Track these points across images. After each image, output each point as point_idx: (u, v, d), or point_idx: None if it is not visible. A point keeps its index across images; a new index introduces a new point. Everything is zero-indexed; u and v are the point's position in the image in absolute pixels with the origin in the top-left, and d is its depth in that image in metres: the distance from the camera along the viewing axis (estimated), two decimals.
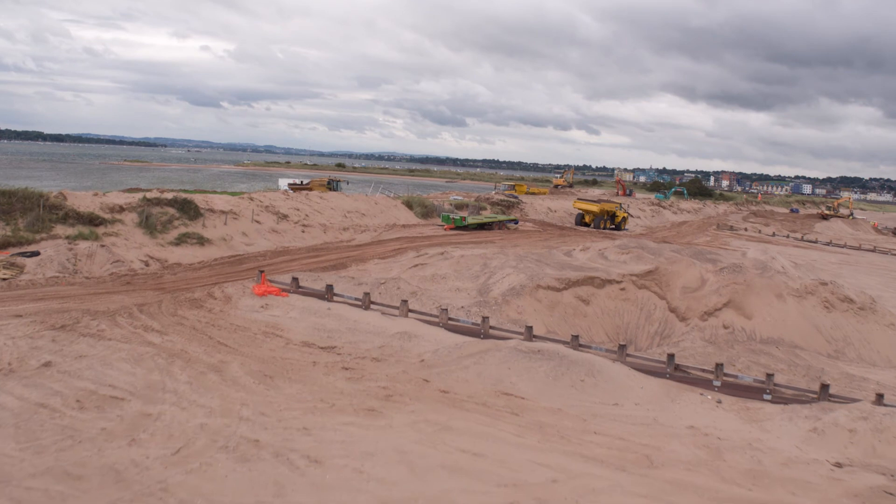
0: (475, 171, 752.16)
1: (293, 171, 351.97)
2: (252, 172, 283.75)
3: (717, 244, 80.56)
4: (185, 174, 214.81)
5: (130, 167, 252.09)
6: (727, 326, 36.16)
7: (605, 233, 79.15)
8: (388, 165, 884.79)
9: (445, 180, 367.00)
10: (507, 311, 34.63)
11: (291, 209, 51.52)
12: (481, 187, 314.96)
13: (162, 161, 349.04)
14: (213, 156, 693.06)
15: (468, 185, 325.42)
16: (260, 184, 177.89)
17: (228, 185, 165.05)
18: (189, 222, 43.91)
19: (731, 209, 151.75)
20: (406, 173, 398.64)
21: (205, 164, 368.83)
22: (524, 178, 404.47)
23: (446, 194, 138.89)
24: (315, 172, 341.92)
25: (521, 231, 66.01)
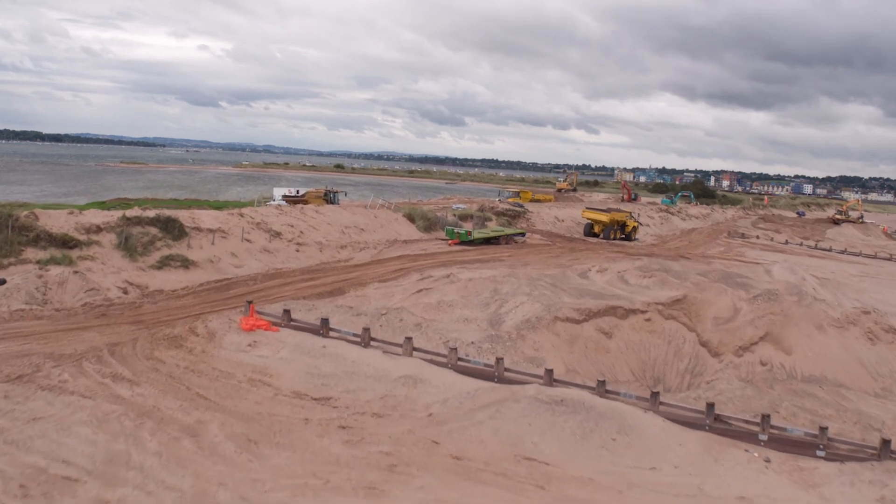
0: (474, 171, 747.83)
1: (291, 172, 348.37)
2: (249, 174, 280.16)
3: (733, 255, 77.22)
4: (180, 177, 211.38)
5: (126, 169, 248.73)
6: (765, 363, 32.73)
7: (615, 244, 75.74)
8: (388, 165, 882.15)
9: (445, 181, 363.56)
10: (522, 347, 31.19)
11: (285, 226, 48.04)
12: (482, 189, 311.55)
13: (159, 163, 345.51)
14: (211, 156, 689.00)
15: (469, 186, 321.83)
16: (257, 187, 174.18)
17: (224, 188, 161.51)
18: (173, 243, 40.45)
19: (738, 214, 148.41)
20: (405, 174, 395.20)
21: (202, 165, 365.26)
22: (525, 180, 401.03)
23: (448, 199, 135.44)
24: (313, 174, 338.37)
25: (530, 245, 62.57)
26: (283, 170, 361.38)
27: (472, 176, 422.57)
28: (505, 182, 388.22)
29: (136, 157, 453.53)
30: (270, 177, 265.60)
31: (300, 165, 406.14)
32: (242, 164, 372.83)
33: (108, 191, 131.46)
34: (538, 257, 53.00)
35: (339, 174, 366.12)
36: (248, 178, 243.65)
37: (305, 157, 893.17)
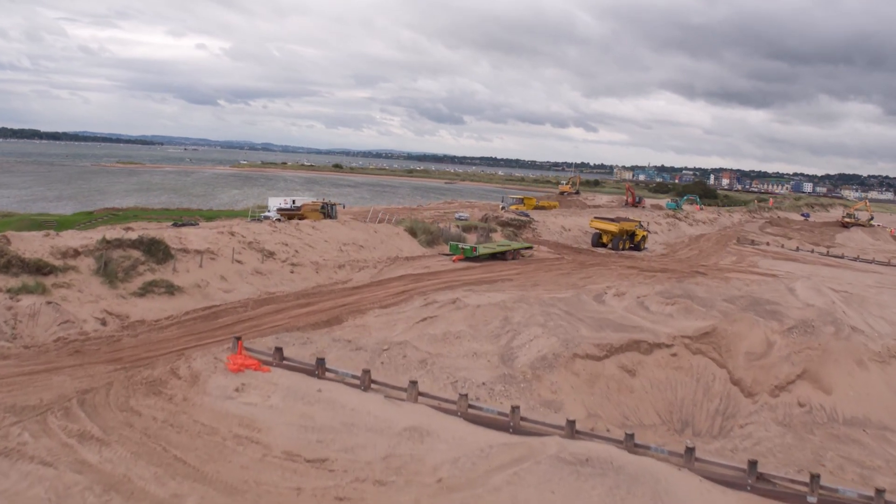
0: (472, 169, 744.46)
1: (290, 172, 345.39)
2: (247, 175, 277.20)
3: (746, 265, 74.33)
4: (175, 178, 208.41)
5: (121, 170, 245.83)
6: (803, 404, 29.83)
7: (624, 255, 72.84)
8: (386, 163, 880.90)
9: (444, 181, 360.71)
10: (538, 389, 28.29)
11: (279, 244, 45.06)
12: (483, 190, 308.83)
13: (155, 162, 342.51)
14: (209, 155, 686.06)
15: (468, 186, 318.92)
16: (253, 189, 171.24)
17: (219, 191, 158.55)
18: (157, 267, 37.49)
19: (745, 217, 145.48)
20: (404, 174, 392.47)
21: (200, 164, 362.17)
22: (524, 179, 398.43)
23: (449, 203, 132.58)
24: (312, 174, 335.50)
25: (537, 259, 59.66)
26: (282, 170, 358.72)
27: (472, 175, 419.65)
28: (504, 182, 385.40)
29: (133, 156, 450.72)
30: (268, 178, 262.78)
31: (298, 165, 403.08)
32: (240, 164, 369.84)
33: (99, 195, 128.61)
34: (548, 275, 50.04)
35: (338, 174, 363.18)
36: (244, 178, 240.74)
37: (304, 156, 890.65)
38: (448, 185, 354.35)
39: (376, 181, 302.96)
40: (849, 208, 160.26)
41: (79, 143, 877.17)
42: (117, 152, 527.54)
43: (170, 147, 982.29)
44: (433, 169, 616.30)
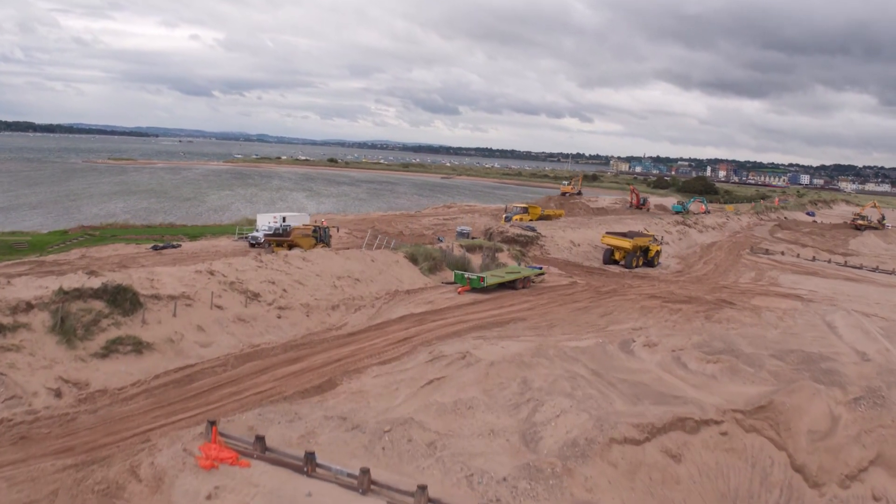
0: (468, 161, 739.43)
1: (284, 167, 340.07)
2: (240, 171, 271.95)
3: (766, 282, 69.84)
4: (163, 177, 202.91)
5: (111, 168, 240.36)
6: (878, 498, 25.26)
7: (639, 274, 68.26)
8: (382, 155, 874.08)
9: (441, 176, 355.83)
10: (570, 485, 23.59)
11: (264, 283, 40.23)
12: (480, 186, 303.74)
13: (147, 157, 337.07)
14: (203, 147, 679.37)
15: (465, 182, 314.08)
16: (246, 189, 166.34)
17: (210, 191, 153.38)
18: (123, 320, 32.68)
19: (752, 219, 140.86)
20: (399, 168, 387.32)
21: (192, 159, 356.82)
22: (522, 173, 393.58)
23: (449, 207, 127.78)
24: (306, 169, 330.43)
25: (549, 286, 54.93)
26: (276, 164, 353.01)
27: (468, 170, 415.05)
28: (501, 176, 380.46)
29: (125, 150, 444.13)
30: (262, 174, 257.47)
31: (293, 160, 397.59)
32: (234, 159, 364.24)
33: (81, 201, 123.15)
34: (564, 312, 45.32)
35: (333, 169, 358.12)
36: (237, 175, 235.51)
37: (299, 148, 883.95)
38: (445, 179, 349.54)
39: (372, 177, 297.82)
40: (860, 208, 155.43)
41: (73, 135, 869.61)
42: (110, 146, 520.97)
43: (164, 139, 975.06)
44: (429, 162, 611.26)
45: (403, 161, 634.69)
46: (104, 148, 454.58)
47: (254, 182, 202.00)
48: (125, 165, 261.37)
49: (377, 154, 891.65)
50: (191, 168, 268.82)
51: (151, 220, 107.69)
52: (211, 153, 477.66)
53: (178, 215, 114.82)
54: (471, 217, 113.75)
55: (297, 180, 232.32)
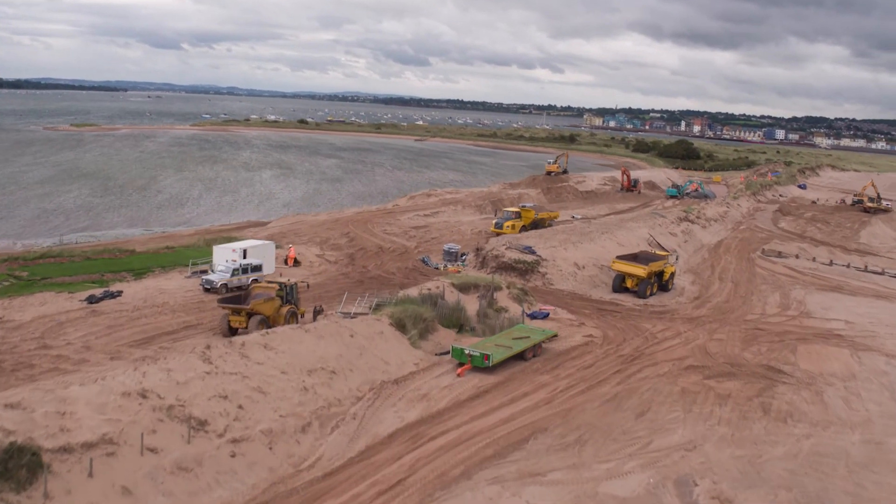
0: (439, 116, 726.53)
1: (254, 130, 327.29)
2: (208, 137, 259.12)
3: (798, 312, 61.61)
4: (123, 150, 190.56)
5: (69, 136, 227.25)
6: None
7: (656, 308, 59.54)
8: (353, 108, 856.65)
9: (415, 138, 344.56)
10: None
11: (214, 400, 30.82)
12: (456, 149, 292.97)
13: (112, 119, 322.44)
14: (172, 104, 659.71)
15: (441, 146, 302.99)
16: (206, 169, 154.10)
17: (167, 174, 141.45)
18: (15, 500, 23.44)
19: (751, 203, 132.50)
20: (372, 130, 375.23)
21: (159, 122, 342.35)
22: (497, 134, 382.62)
23: (428, 197, 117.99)
24: (277, 133, 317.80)
25: (564, 351, 45.92)
26: (245, 127, 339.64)
27: (442, 130, 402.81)
28: (475, 137, 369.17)
29: (91, 110, 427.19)
30: (229, 143, 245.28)
31: (262, 121, 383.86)
32: (201, 122, 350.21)
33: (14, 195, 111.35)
34: (590, 408, 36.32)
35: (304, 131, 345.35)
36: (202, 144, 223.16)
37: (269, 103, 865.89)
38: (419, 142, 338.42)
39: (345, 141, 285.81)
40: (861, 188, 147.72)
41: (41, 91, 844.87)
42: (76, 105, 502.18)
43: (133, 94, 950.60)
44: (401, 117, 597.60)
45: (374, 116, 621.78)
46: (69, 108, 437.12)
47: (219, 156, 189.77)
48: (86, 133, 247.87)
49: (348, 108, 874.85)
50: (154, 135, 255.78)
51: (94, 224, 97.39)
52: (179, 113, 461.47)
53: (124, 215, 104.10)
54: (454, 212, 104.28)
55: (267, 150, 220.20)
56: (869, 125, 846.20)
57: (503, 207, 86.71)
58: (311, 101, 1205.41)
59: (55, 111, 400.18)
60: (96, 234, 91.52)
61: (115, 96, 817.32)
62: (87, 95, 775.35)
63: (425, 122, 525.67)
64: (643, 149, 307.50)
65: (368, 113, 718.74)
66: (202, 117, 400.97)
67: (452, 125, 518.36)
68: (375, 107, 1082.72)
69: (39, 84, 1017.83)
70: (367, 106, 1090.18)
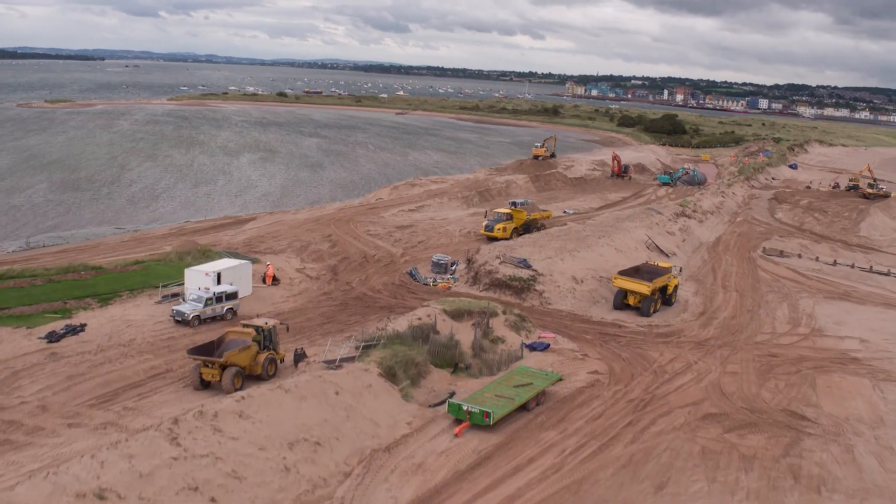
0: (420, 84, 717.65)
1: (233, 104, 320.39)
2: (185, 113, 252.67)
3: (809, 330, 58.26)
4: (95, 131, 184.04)
5: (42, 114, 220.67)
6: None
7: (662, 331, 55.82)
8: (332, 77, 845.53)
9: (396, 112, 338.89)
10: None
11: (181, 497, 26.67)
12: (438, 124, 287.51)
13: (87, 96, 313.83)
14: (150, 74, 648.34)
15: (422, 120, 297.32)
16: (182, 154, 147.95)
17: (139, 164, 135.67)
18: None
19: (746, 191, 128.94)
20: (353, 103, 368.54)
21: (135, 96, 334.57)
22: (479, 107, 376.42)
23: (412, 187, 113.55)
24: (256, 108, 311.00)
25: (569, 396, 42.07)
26: (223, 101, 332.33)
27: (423, 103, 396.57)
28: (458, 110, 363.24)
29: (67, 83, 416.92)
30: (208, 119, 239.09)
31: (241, 94, 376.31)
32: (179, 95, 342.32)
33: None
34: (602, 477, 32.58)
35: (284, 105, 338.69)
36: (179, 122, 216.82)
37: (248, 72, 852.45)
38: (400, 116, 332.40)
39: (325, 117, 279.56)
40: (857, 173, 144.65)
41: (17, 61, 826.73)
42: (54, 77, 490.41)
43: (110, 63, 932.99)
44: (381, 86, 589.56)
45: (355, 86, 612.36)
46: (45, 81, 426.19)
47: (196, 137, 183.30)
48: (59, 110, 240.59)
49: (327, 77, 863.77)
50: (130, 112, 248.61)
51: (62, 222, 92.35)
52: (156, 84, 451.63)
53: (93, 211, 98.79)
54: (439, 206, 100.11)
55: (246, 128, 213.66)
56: (851, 93, 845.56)
57: (493, 209, 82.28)
58: (290, 70, 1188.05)
59: (30, 84, 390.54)
60: (64, 234, 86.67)
61: (93, 66, 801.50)
62: (63, 65, 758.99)
63: (406, 93, 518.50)
64: (628, 123, 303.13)
65: (348, 82, 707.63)
66: (179, 90, 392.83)
67: (433, 96, 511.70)
68: (355, 75, 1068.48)
69: (16, 53, 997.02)
70: (347, 74, 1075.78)
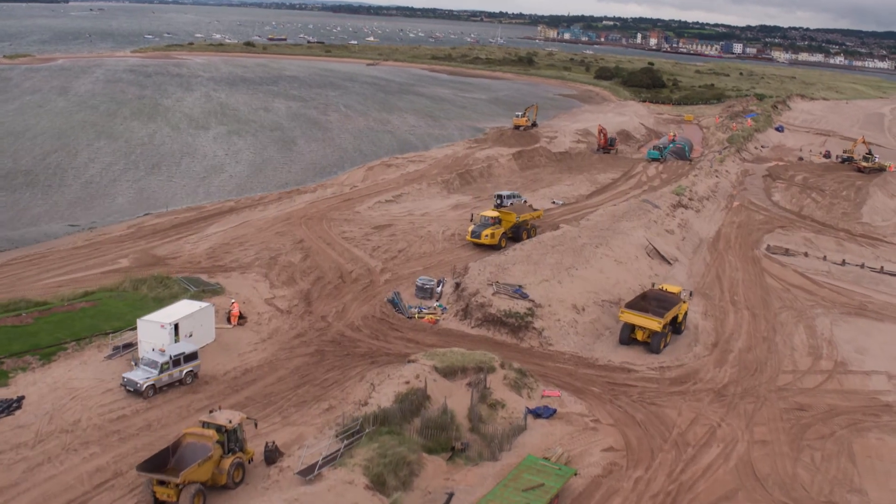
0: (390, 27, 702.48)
1: (198, 55, 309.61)
2: (149, 69, 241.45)
3: (832, 365, 53.33)
4: (49, 94, 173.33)
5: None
6: None
7: (671, 373, 50.17)
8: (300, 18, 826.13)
9: (367, 62, 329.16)
10: None
11: None
12: (410, 75, 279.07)
13: (47, 48, 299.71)
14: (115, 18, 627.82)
15: (394, 72, 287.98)
16: (145, 128, 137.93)
17: (94, 139, 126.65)
18: None
19: (738, 166, 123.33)
20: (322, 53, 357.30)
21: (99, 49, 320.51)
22: (451, 56, 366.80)
23: (387, 167, 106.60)
24: (222, 58, 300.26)
25: (585, 496, 36.40)
26: (188, 52, 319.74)
27: (395, 51, 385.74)
28: (430, 60, 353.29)
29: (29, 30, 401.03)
30: (172, 75, 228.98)
31: (206, 45, 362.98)
32: (143, 48, 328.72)
33: None
34: None
35: (251, 56, 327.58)
36: (141, 81, 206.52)
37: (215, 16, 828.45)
38: (372, 66, 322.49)
39: (295, 70, 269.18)
40: (852, 145, 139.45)
41: None
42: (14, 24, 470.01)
43: (74, 6, 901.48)
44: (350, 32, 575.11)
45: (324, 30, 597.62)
46: (4, 29, 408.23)
47: (160, 102, 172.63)
48: (19, 66, 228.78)
49: (295, 19, 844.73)
50: (91, 68, 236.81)
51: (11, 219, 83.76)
52: (120, 32, 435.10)
53: (45, 203, 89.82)
54: (418, 194, 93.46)
55: (213, 90, 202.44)
56: (823, 35, 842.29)
57: (479, 213, 75.46)
58: (257, 11, 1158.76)
59: None
60: (12, 234, 79.19)
61: (56, 10, 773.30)
62: (26, 9, 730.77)
63: (376, 39, 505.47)
64: (606, 75, 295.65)
65: (317, 25, 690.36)
66: (144, 39, 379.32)
67: (404, 42, 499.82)
68: (324, 16, 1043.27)
69: None
70: (316, 16, 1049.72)
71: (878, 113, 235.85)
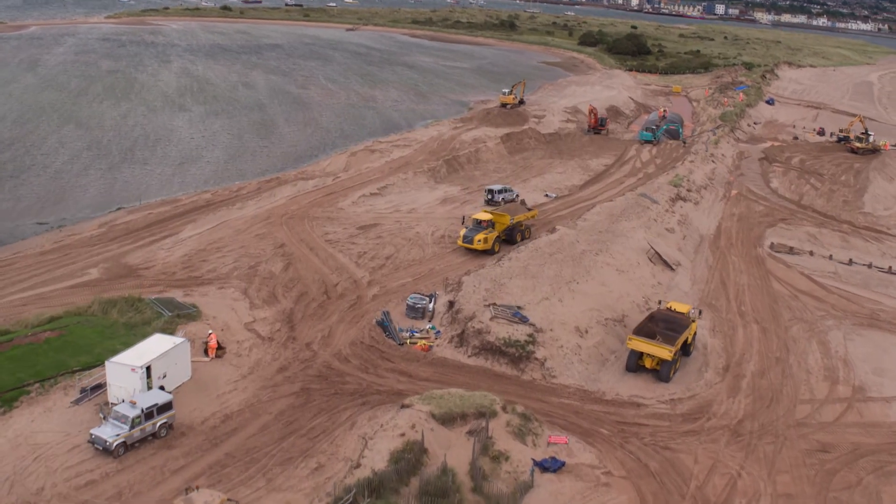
0: None
1: (174, 21, 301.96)
2: (124, 37, 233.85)
3: (851, 392, 50.59)
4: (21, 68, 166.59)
5: None
6: None
7: (683, 408, 46.90)
8: None
9: (346, 27, 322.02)
10: None
11: None
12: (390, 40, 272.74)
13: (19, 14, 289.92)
14: None
15: (374, 37, 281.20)
16: (115, 110, 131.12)
17: (60, 124, 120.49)
18: None
19: (734, 148, 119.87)
20: (301, 18, 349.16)
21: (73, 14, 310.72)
22: (432, 21, 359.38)
23: (371, 152, 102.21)
24: (199, 23, 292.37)
25: None
26: (164, 17, 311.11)
27: (374, 15, 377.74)
28: (410, 25, 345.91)
29: None
30: (147, 44, 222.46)
31: (182, 9, 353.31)
32: (118, 14, 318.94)
33: None
34: None
35: (229, 21, 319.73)
36: (117, 51, 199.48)
37: None
38: (351, 31, 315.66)
39: (273, 37, 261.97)
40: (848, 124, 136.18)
41: None
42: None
43: None
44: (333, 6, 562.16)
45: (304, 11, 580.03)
46: None
47: (134, 77, 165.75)
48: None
49: None
50: (63, 36, 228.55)
51: None
52: None
53: (10, 196, 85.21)
54: (404, 184, 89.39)
55: (190, 60, 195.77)
56: None
57: (470, 216, 71.19)
58: None
59: None
60: None
61: None
62: None
63: (355, 0, 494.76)
64: (590, 41, 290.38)
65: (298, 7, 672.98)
66: (119, 2, 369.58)
67: (384, 3, 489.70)
68: None
69: None
70: None
71: (866, 81, 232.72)
